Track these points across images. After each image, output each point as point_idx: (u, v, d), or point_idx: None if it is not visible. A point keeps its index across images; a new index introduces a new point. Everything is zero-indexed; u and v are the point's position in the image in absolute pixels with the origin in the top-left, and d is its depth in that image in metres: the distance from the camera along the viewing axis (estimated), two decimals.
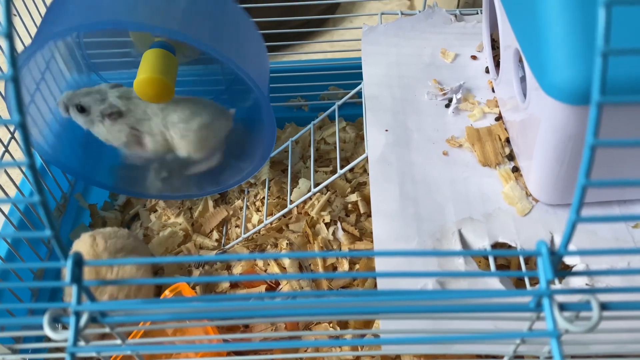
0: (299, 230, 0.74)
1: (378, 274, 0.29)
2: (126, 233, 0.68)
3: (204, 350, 0.45)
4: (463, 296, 0.31)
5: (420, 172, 0.56)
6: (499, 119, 0.59)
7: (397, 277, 0.47)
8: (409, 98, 0.62)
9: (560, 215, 0.52)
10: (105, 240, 0.65)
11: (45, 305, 0.31)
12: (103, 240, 0.65)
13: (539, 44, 0.40)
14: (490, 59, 0.63)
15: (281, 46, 1.06)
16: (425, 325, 0.44)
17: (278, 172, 0.81)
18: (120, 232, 0.68)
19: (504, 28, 0.54)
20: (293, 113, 0.90)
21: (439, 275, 0.47)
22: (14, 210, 0.66)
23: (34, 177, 0.26)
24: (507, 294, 0.32)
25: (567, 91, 0.38)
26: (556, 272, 0.29)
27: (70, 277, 0.29)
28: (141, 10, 0.59)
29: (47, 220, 0.27)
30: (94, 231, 0.67)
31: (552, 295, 0.29)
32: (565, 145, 0.45)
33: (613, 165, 0.48)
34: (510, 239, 0.50)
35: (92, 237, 0.65)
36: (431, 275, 0.48)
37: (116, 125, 0.68)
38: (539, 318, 0.33)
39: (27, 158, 0.26)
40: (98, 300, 0.31)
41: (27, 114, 0.66)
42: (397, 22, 0.71)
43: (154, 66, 0.65)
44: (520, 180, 0.54)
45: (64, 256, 0.29)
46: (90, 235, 0.65)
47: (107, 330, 0.33)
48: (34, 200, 0.26)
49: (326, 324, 0.64)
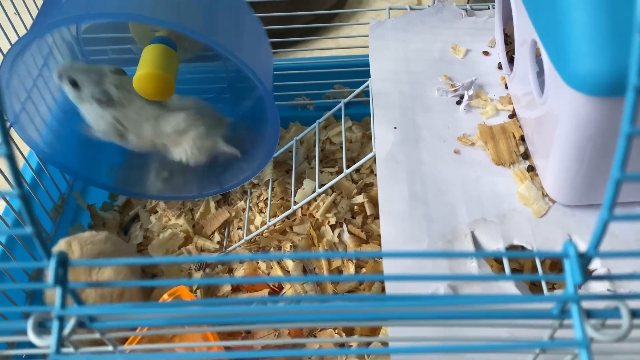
0: (303, 232, 0.72)
1: (386, 277, 0.27)
2: (104, 237, 0.65)
3: (203, 358, 0.42)
4: (479, 302, 0.29)
5: (430, 171, 0.53)
6: (512, 116, 0.57)
7: (407, 280, 0.45)
8: (419, 94, 0.60)
9: (578, 217, 0.49)
10: (81, 247, 0.62)
11: (30, 308, 0.29)
12: (79, 246, 0.62)
13: (560, 33, 0.38)
14: (503, 55, 0.61)
15: (286, 43, 1.04)
16: (437, 332, 0.41)
17: (282, 173, 0.79)
18: (98, 237, 0.65)
19: (520, 20, 0.51)
20: (298, 112, 0.88)
21: (451, 279, 0.44)
22: (9, 210, 0.64)
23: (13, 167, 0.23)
24: (528, 300, 0.30)
25: (591, 82, 0.36)
26: (585, 276, 0.26)
27: (54, 278, 0.26)
28: (142, 3, 0.57)
29: (27, 215, 0.25)
30: (69, 237, 0.64)
31: (580, 301, 0.26)
32: (586, 142, 0.42)
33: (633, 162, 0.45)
34: (526, 241, 0.48)
35: (68, 242, 0.62)
36: (443, 278, 0.45)
37: (100, 110, 0.65)
38: (561, 326, 0.30)
39: (4, 147, 0.23)
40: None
41: (23, 111, 0.64)
42: (406, 16, 0.68)
43: (154, 62, 0.63)
44: (536, 180, 0.51)
45: (47, 255, 0.27)
46: (66, 241, 0.63)
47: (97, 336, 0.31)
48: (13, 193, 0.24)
49: (331, 330, 0.62)
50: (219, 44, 0.56)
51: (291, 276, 0.68)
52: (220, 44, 0.56)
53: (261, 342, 0.59)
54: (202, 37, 0.56)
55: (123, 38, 0.72)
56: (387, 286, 0.46)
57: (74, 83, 0.64)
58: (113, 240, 0.66)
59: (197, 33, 0.55)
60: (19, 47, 0.58)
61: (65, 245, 0.62)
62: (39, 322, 0.29)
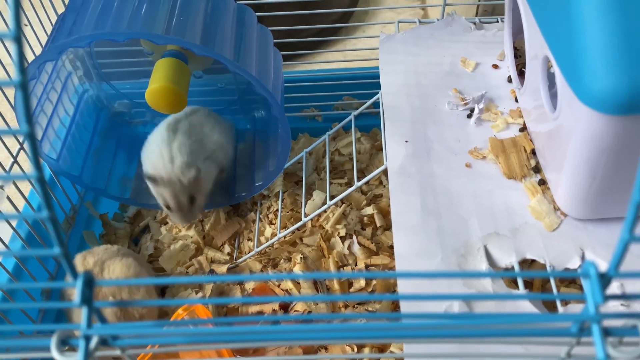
0: (313, 244, 0.72)
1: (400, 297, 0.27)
2: (115, 250, 0.66)
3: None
4: (496, 321, 0.29)
5: (441, 184, 0.53)
6: (523, 129, 0.57)
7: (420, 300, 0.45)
8: (429, 108, 0.60)
9: (590, 231, 0.49)
10: (95, 260, 0.63)
11: (53, 326, 0.29)
12: (93, 259, 0.63)
13: (574, 51, 0.38)
14: (513, 68, 0.61)
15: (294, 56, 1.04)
16: (451, 349, 0.42)
17: (291, 184, 0.79)
18: (110, 250, 0.66)
19: (531, 35, 0.51)
20: (306, 124, 0.88)
21: (466, 299, 0.45)
22: (22, 222, 0.64)
23: (43, 191, 0.24)
24: (545, 319, 0.30)
25: (606, 100, 0.36)
26: (605, 296, 0.26)
27: (81, 298, 0.27)
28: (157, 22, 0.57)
29: (55, 237, 0.25)
30: (84, 252, 0.65)
31: (600, 320, 0.27)
32: (599, 157, 0.43)
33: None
34: (539, 255, 0.48)
35: (83, 256, 0.63)
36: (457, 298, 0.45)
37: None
38: (579, 343, 0.30)
39: (35, 171, 0.24)
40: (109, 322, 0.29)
41: (36, 124, 0.65)
42: (415, 30, 0.69)
43: (166, 76, 0.63)
44: (548, 194, 0.52)
45: (73, 276, 0.27)
46: (82, 255, 0.64)
47: (118, 352, 0.31)
48: (42, 215, 0.24)
49: (343, 344, 0.62)
50: (231, 62, 0.57)
51: (302, 289, 0.68)
52: (233, 62, 0.57)
53: (274, 359, 0.59)
54: (216, 55, 0.56)
55: (134, 52, 0.73)
56: (402, 305, 0.46)
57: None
58: (124, 252, 0.67)
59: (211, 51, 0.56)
60: (36, 66, 0.58)
61: (81, 258, 0.63)
62: (62, 340, 0.29)
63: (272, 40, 0.69)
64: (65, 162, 0.70)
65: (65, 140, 0.70)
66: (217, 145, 0.71)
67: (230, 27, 0.62)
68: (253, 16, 0.69)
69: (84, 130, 0.74)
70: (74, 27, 0.56)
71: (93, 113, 0.77)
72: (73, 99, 0.73)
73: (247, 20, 0.67)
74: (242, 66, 0.58)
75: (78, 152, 0.72)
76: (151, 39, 0.56)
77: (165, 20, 0.57)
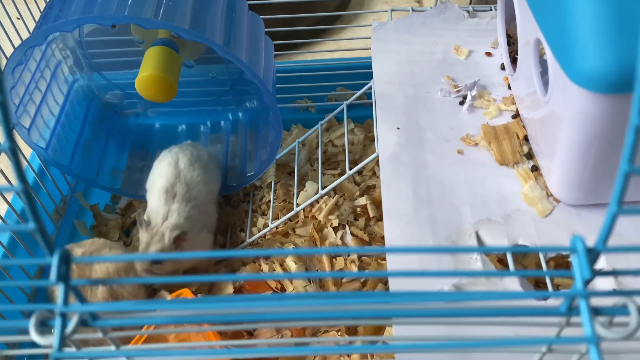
0: (305, 234, 0.71)
1: (390, 273, 0.26)
2: (102, 243, 0.65)
3: (206, 357, 0.42)
4: (484, 298, 0.28)
5: (434, 172, 0.53)
6: (516, 116, 0.57)
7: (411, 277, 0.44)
8: (422, 96, 0.60)
9: (583, 217, 0.49)
10: (83, 252, 0.62)
11: (32, 307, 0.29)
12: (81, 251, 0.62)
13: (565, 31, 0.38)
14: (506, 55, 0.61)
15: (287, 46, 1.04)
16: (441, 331, 0.41)
17: (284, 175, 0.79)
18: (97, 242, 0.65)
19: (524, 20, 0.51)
20: (299, 115, 0.88)
21: (455, 275, 0.44)
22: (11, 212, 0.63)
23: (15, 160, 0.23)
24: (533, 296, 0.29)
25: (598, 79, 0.36)
26: (594, 271, 0.26)
27: (56, 275, 0.26)
28: (145, 6, 0.57)
29: (30, 211, 0.25)
30: (71, 244, 0.64)
31: (589, 297, 0.26)
32: (591, 141, 0.42)
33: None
34: (531, 241, 0.48)
35: (71, 248, 0.63)
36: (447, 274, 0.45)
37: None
38: (569, 324, 0.30)
39: (8, 142, 0.23)
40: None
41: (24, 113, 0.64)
42: (408, 18, 0.68)
43: (157, 64, 0.63)
44: (540, 180, 0.51)
45: (49, 252, 0.26)
46: (69, 247, 0.63)
47: (100, 335, 0.30)
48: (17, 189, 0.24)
49: (334, 332, 0.61)
50: (221, 47, 0.56)
51: (294, 279, 0.67)
52: (222, 47, 0.56)
53: (264, 342, 0.58)
54: (205, 40, 0.56)
55: (125, 41, 0.72)
56: (391, 283, 0.46)
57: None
58: (110, 244, 0.66)
59: (200, 36, 0.55)
60: (22, 51, 0.58)
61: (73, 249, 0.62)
62: (41, 321, 0.28)
63: (263, 28, 0.69)
64: (55, 151, 0.69)
65: (54, 129, 0.69)
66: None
67: (220, 13, 0.61)
68: (244, 3, 0.68)
69: (74, 120, 0.73)
70: (61, 13, 0.55)
71: (84, 103, 0.77)
72: (63, 89, 0.73)
73: (238, 6, 0.66)
74: (232, 52, 0.57)
75: (68, 142, 0.71)
76: (139, 24, 0.56)
77: (154, 4, 0.56)
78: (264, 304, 0.27)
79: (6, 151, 0.23)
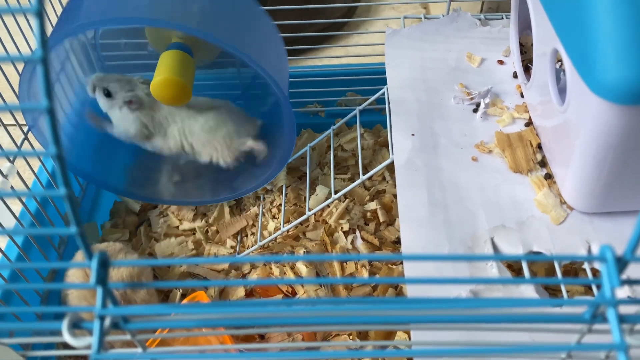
0: (316, 238, 0.72)
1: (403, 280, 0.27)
2: (119, 247, 0.66)
3: None
4: (504, 305, 0.29)
5: (448, 177, 0.54)
6: (529, 124, 0.57)
7: (425, 284, 0.45)
8: (435, 102, 0.60)
9: (596, 224, 0.49)
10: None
11: (64, 309, 0.29)
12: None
13: (586, 41, 0.38)
14: (519, 63, 0.61)
15: (297, 51, 1.04)
16: (459, 337, 0.42)
17: (295, 179, 0.79)
18: (113, 247, 0.65)
19: (540, 29, 0.52)
20: (309, 119, 0.88)
21: (471, 282, 0.45)
22: (30, 199, 0.64)
23: (61, 167, 0.24)
24: (556, 303, 0.30)
25: (618, 89, 0.36)
26: (622, 280, 0.26)
27: (96, 278, 0.27)
28: (161, 8, 0.57)
29: (72, 215, 0.25)
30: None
31: (617, 305, 0.27)
32: (607, 151, 0.43)
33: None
34: (545, 248, 0.48)
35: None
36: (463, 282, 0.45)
37: (131, 114, 0.67)
38: (590, 331, 0.30)
39: (53, 147, 0.24)
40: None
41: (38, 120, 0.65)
42: (421, 25, 0.69)
43: (171, 68, 0.63)
44: (554, 188, 0.52)
45: (88, 256, 0.27)
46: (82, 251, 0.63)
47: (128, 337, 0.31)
48: (60, 193, 0.24)
49: (345, 335, 0.62)
50: (239, 51, 0.56)
51: (305, 285, 0.68)
52: (241, 51, 0.56)
53: (276, 346, 0.59)
54: (223, 44, 0.56)
55: (139, 44, 0.73)
56: (408, 291, 0.46)
57: (107, 93, 0.66)
58: (127, 250, 0.67)
59: (219, 40, 0.56)
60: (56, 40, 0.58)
61: (82, 255, 0.63)
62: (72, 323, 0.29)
63: (278, 34, 0.69)
64: (68, 154, 0.69)
65: (68, 132, 0.70)
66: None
67: (238, 20, 0.62)
68: (260, 10, 0.68)
69: (86, 122, 0.74)
70: (78, 15, 0.56)
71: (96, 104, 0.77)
72: (76, 89, 0.73)
73: (255, 13, 0.67)
74: (253, 58, 0.57)
75: (81, 144, 0.72)
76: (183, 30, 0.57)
77: (197, 12, 0.57)
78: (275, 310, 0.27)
79: (53, 157, 0.23)
